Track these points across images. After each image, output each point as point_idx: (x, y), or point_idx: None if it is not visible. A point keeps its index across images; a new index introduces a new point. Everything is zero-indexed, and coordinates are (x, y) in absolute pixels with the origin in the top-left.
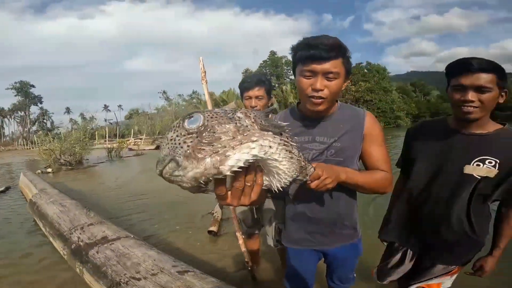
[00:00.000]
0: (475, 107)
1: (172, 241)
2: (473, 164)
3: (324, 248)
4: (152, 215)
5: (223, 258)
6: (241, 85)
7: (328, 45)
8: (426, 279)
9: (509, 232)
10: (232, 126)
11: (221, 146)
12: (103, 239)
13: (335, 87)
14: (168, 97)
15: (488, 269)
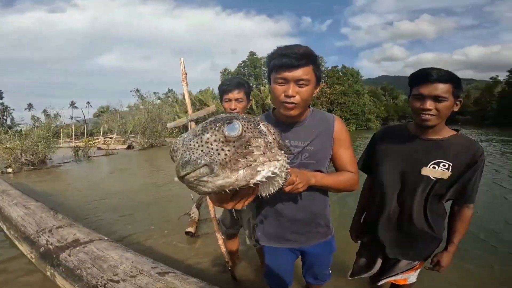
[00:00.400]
0: (432, 115)
1: (149, 243)
2: (429, 167)
3: (300, 246)
4: (125, 216)
5: (203, 259)
6: (220, 88)
7: (299, 54)
8: (393, 275)
9: (461, 229)
10: (262, 141)
11: (253, 160)
12: (75, 242)
13: (306, 94)
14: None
15: (444, 264)
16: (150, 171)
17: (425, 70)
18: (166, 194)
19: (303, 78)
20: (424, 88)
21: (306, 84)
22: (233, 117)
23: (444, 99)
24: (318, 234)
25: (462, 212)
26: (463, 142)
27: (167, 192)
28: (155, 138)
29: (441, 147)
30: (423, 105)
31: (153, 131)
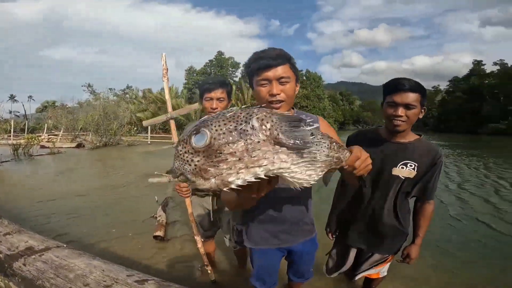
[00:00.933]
0: (402, 121)
1: (114, 249)
2: (399, 167)
3: (289, 245)
4: (79, 220)
5: (176, 264)
6: (202, 86)
7: (274, 54)
8: (367, 269)
9: (425, 223)
10: (240, 145)
11: (226, 168)
12: (28, 249)
13: (289, 90)
14: (94, 91)
15: (414, 256)
16: (105, 171)
17: (398, 81)
18: (125, 196)
19: (284, 75)
20: (397, 96)
21: (288, 81)
22: (204, 124)
23: (414, 106)
24: (305, 232)
25: (425, 208)
26: (425, 146)
27: (126, 194)
28: (110, 136)
29: (408, 150)
30: (396, 112)
31: (107, 129)
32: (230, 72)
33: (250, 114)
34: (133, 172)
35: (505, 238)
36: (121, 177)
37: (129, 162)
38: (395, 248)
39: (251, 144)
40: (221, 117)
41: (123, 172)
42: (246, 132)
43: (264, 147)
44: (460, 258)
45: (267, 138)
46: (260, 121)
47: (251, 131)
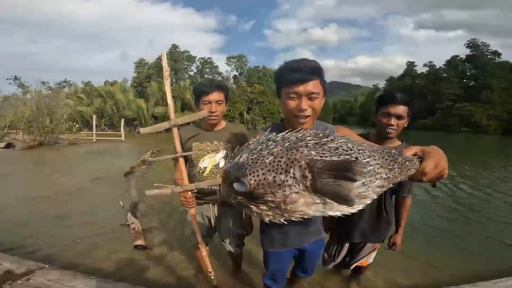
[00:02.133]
0: (394, 129)
1: (96, 266)
2: None
3: (301, 245)
4: (37, 237)
5: (172, 273)
6: (198, 89)
7: (309, 68)
8: (360, 258)
9: (406, 214)
10: (279, 196)
11: (265, 209)
12: (8, 274)
13: (317, 106)
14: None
15: (399, 243)
16: (49, 175)
17: (392, 94)
18: (82, 203)
19: (314, 91)
20: (391, 108)
21: (317, 97)
22: (242, 173)
23: (403, 117)
24: (315, 233)
25: (405, 202)
26: None
27: (82, 200)
28: (46, 135)
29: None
30: (389, 121)
31: (42, 126)
32: (185, 66)
33: (292, 161)
34: (84, 175)
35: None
36: (71, 181)
37: (75, 163)
38: (383, 236)
39: (290, 195)
40: (260, 163)
41: (72, 176)
42: (286, 183)
43: (302, 198)
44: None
45: (306, 188)
46: (303, 170)
47: (291, 181)
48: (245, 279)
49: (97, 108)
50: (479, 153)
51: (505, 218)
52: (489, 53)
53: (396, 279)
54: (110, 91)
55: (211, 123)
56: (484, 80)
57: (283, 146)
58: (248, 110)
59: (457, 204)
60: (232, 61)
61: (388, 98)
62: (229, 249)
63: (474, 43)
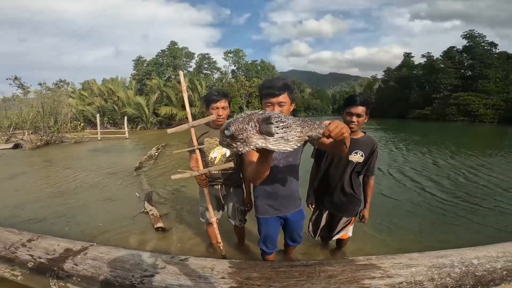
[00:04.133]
0: (355, 125)
1: (128, 243)
2: (352, 154)
3: (284, 214)
4: (69, 225)
5: (188, 247)
6: (208, 98)
7: (278, 86)
8: (339, 231)
9: (370, 192)
10: (245, 135)
11: (240, 144)
12: (68, 251)
13: (286, 111)
14: (22, 84)
15: (367, 216)
16: (62, 172)
17: (353, 97)
18: (100, 196)
19: (282, 102)
20: (353, 108)
21: (284, 105)
22: (229, 125)
23: (362, 115)
24: (295, 205)
25: (369, 181)
26: (367, 139)
27: (99, 194)
28: (52, 134)
29: (357, 143)
30: (351, 119)
31: (49, 126)
32: (184, 62)
33: (251, 119)
34: (95, 170)
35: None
36: (85, 177)
37: (85, 160)
38: (355, 211)
39: (249, 135)
40: (237, 120)
41: (85, 172)
42: (247, 129)
43: (255, 136)
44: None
45: (256, 131)
46: (253, 122)
47: (249, 128)
48: (247, 250)
49: (98, 106)
50: (476, 140)
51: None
52: (486, 44)
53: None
54: (110, 89)
55: (218, 123)
56: (481, 70)
57: (247, 114)
58: (247, 103)
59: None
60: (229, 56)
61: (350, 100)
62: (235, 223)
63: (471, 34)
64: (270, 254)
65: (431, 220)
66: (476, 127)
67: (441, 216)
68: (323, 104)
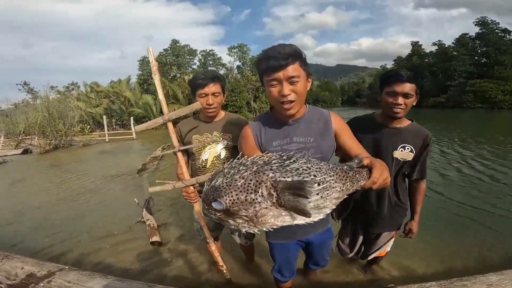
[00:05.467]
0: (401, 108)
1: (115, 264)
2: (398, 150)
3: (307, 237)
4: (57, 238)
5: (186, 268)
6: (193, 82)
7: (284, 53)
8: (378, 248)
9: (421, 200)
10: (251, 211)
11: (241, 222)
12: (31, 277)
13: (300, 89)
14: (31, 89)
15: (415, 231)
16: (66, 177)
17: (397, 72)
18: (99, 202)
19: (293, 75)
20: (397, 87)
21: (298, 81)
22: (218, 195)
23: (411, 96)
24: (322, 224)
25: (420, 186)
26: (417, 129)
27: (99, 199)
28: (60, 138)
29: (404, 134)
30: (396, 100)
31: (56, 130)
32: (188, 60)
33: (260, 182)
34: (98, 174)
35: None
36: (87, 182)
37: (89, 164)
38: (398, 224)
39: (260, 211)
40: (233, 185)
41: (87, 176)
42: (255, 201)
43: (270, 211)
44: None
45: (273, 204)
46: (268, 189)
47: (260, 199)
48: (258, 271)
49: (105, 108)
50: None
51: None
52: (499, 31)
53: (411, 266)
54: (117, 91)
55: (209, 115)
56: (496, 57)
57: (252, 170)
58: (254, 98)
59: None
60: (234, 51)
61: (393, 76)
62: (239, 242)
63: (483, 21)
64: (286, 282)
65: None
66: (495, 114)
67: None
68: (331, 96)
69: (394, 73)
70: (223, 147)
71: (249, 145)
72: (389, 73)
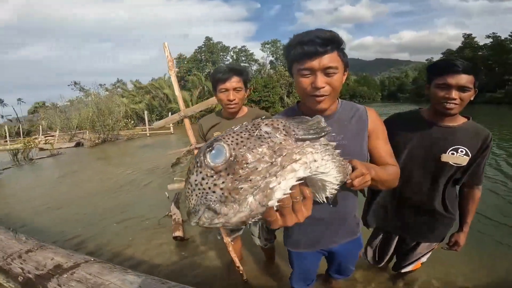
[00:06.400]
0: (456, 104)
1: (138, 256)
2: (448, 153)
3: (330, 246)
4: (93, 227)
5: (204, 266)
6: (214, 76)
7: (322, 39)
8: (414, 260)
9: (473, 209)
10: (265, 148)
11: (261, 177)
12: (57, 267)
13: (336, 82)
14: (82, 88)
15: (462, 243)
16: (108, 170)
17: (451, 61)
18: (132, 195)
19: (331, 65)
20: (450, 78)
21: (335, 72)
22: (216, 140)
23: (468, 89)
24: (349, 233)
25: (474, 194)
26: (475, 128)
27: (132, 192)
28: (108, 132)
29: (457, 134)
30: (449, 94)
31: (104, 125)
32: (221, 56)
33: (258, 123)
34: (137, 168)
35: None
36: (126, 175)
37: (131, 158)
38: (443, 235)
39: (275, 145)
40: (230, 132)
41: (128, 169)
42: (264, 137)
43: (289, 145)
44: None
45: (286, 136)
46: (270, 125)
47: (267, 135)
48: (276, 274)
49: (146, 104)
50: None
51: None
52: None
53: (451, 279)
54: (157, 87)
55: (230, 111)
56: None
57: (238, 127)
58: (288, 94)
59: None
60: (267, 47)
61: (446, 66)
62: (258, 244)
63: None
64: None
65: None
66: None
67: None
68: (370, 91)
69: (447, 62)
70: None
71: None
72: (442, 62)
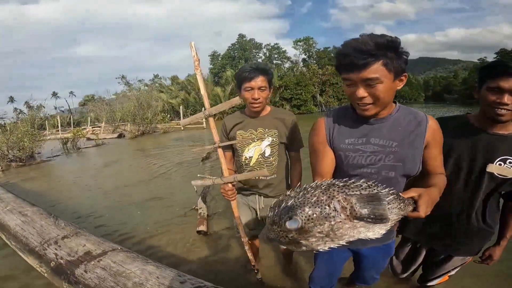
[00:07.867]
0: (508, 109)
1: (161, 247)
2: (496, 163)
3: (359, 247)
4: (126, 216)
5: (222, 261)
6: (240, 75)
7: (360, 52)
8: (444, 273)
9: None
10: (326, 225)
11: (315, 241)
12: (87, 254)
13: (378, 92)
14: (127, 82)
15: (496, 258)
16: (144, 161)
17: (505, 63)
18: (164, 187)
19: (371, 77)
20: (504, 82)
21: (377, 83)
22: (294, 212)
23: None
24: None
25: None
26: None
27: (164, 184)
28: (146, 125)
29: (508, 143)
30: (501, 99)
31: (143, 117)
32: (254, 53)
33: (332, 196)
34: (171, 160)
35: None
36: (159, 167)
37: (166, 150)
38: (478, 249)
39: (335, 224)
40: (307, 203)
41: (161, 161)
42: (330, 215)
43: (346, 224)
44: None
45: (347, 217)
46: (341, 203)
47: (334, 213)
48: (293, 275)
49: (182, 99)
50: None
51: None
52: None
53: None
54: (192, 81)
55: (254, 110)
56: None
57: (321, 189)
58: (321, 92)
59: None
60: (299, 44)
61: (499, 68)
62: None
63: None
64: None
65: None
66: None
67: None
68: (412, 91)
69: (501, 64)
70: (268, 144)
71: (318, 139)
72: (494, 64)
